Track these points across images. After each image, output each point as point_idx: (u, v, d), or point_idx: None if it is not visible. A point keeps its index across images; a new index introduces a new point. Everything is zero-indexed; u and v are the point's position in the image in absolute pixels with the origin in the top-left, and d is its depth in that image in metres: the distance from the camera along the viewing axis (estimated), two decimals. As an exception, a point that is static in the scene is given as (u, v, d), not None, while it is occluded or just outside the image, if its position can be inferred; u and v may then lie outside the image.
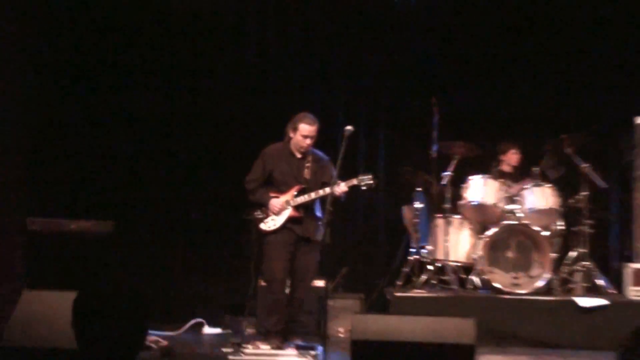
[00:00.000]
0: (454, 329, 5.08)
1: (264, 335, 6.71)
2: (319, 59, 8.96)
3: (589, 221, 7.90)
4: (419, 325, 5.14)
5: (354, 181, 6.47)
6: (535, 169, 8.02)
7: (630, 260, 8.14)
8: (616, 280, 8.01)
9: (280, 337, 6.53)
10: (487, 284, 7.67)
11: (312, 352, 6.19)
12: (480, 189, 7.93)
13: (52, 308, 2.65)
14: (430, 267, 7.91)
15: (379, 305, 7.86)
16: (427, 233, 8.11)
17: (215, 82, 8.72)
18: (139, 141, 8.65)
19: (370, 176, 6.49)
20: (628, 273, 7.91)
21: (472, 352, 4.99)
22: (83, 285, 2.52)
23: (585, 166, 7.88)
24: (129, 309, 2.46)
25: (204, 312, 7.93)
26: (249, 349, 6.34)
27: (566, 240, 8.06)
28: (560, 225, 7.97)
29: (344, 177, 6.42)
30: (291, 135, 6.65)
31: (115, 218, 7.98)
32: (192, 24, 8.60)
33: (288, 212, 6.59)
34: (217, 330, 7.71)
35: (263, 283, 7.13)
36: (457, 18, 8.90)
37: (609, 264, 8.41)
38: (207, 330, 7.72)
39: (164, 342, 6.49)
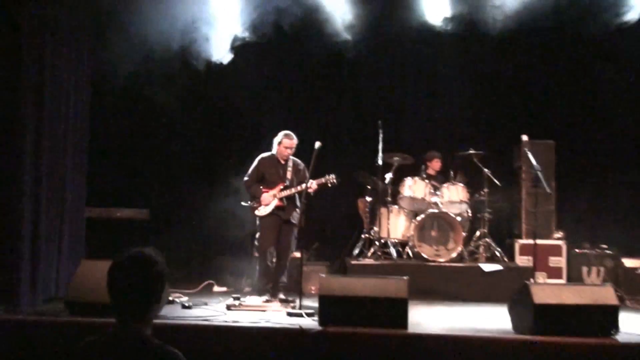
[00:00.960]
0: (393, 286, 5.07)
1: (258, 291, 6.67)
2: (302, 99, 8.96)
3: (489, 210, 7.93)
4: (368, 284, 5.12)
5: (323, 180, 6.50)
6: (452, 172, 8.01)
7: (518, 237, 8.18)
8: (508, 251, 8.04)
9: (269, 293, 6.51)
10: (417, 255, 7.65)
11: (292, 304, 6.13)
12: (412, 187, 7.91)
13: (101, 273, 2.60)
14: (376, 243, 7.87)
15: (341, 270, 7.80)
16: (375, 218, 8.08)
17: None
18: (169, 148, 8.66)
19: (334, 176, 6.50)
20: (516, 246, 7.97)
21: (406, 303, 4.99)
22: (117, 257, 2.52)
23: (486, 170, 7.91)
24: (148, 274, 2.48)
25: (214, 275, 7.86)
26: (247, 301, 6.28)
27: (473, 223, 8.06)
28: (469, 212, 7.97)
29: (315, 177, 6.43)
30: (277, 147, 6.70)
31: (150, 207, 7.97)
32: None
33: (275, 203, 6.61)
34: (224, 289, 7.62)
35: (256, 254, 7.08)
36: (394, 62, 8.90)
37: (503, 240, 8.41)
38: (216, 289, 7.63)
39: (184, 297, 6.44)
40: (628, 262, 7.64)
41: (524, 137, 6.75)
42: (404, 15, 8.26)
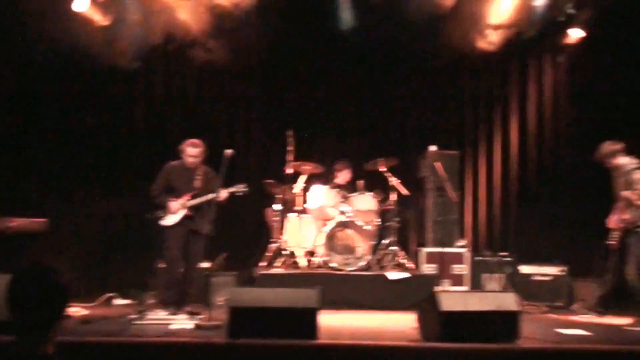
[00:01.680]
0: (304, 296, 5.07)
1: (163, 304, 6.48)
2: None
3: (396, 218, 8.10)
4: (278, 295, 5.10)
5: (233, 189, 6.43)
6: (361, 182, 8.12)
7: (424, 246, 8.40)
8: (415, 259, 8.24)
9: (175, 306, 6.35)
10: (326, 264, 7.69)
11: (199, 316, 6.01)
12: (321, 196, 7.96)
13: (-6, 288, 2.46)
14: (285, 252, 7.86)
15: (248, 281, 7.73)
16: (283, 228, 8.06)
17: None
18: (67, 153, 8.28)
19: (244, 185, 6.46)
20: (422, 254, 8.17)
21: (316, 313, 5.00)
22: (17, 270, 2.40)
23: (394, 180, 8.09)
24: (50, 288, 2.37)
25: (115, 288, 7.59)
26: (151, 314, 6.09)
27: (381, 232, 8.19)
28: (377, 221, 8.10)
29: (225, 186, 6.35)
30: (182, 155, 6.56)
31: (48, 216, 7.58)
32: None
33: (183, 212, 6.47)
34: (126, 302, 7.38)
35: (161, 265, 6.91)
36: (304, 71, 8.95)
37: (410, 248, 8.62)
38: (118, 301, 7.38)
39: (84, 312, 6.18)
40: (524, 269, 8.01)
41: (433, 148, 6.97)
42: (314, 24, 8.34)
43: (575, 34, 8.42)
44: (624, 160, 6.29)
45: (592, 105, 8.79)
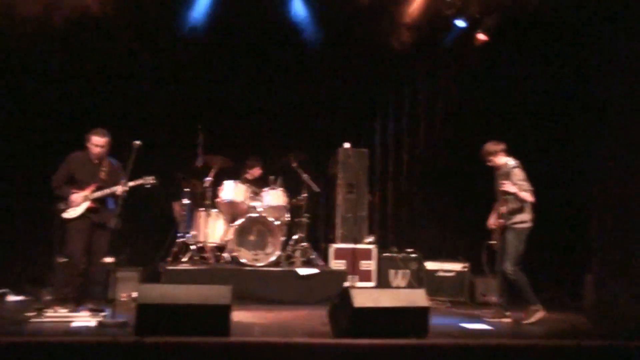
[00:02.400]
0: (217, 293, 4.97)
1: (62, 301, 6.13)
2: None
3: (306, 214, 8.12)
4: (189, 291, 4.98)
5: (141, 181, 6.21)
6: (272, 177, 8.07)
7: (333, 242, 8.48)
8: (324, 255, 8.30)
9: (75, 303, 6.05)
10: (235, 259, 7.60)
11: (102, 314, 5.78)
12: (232, 191, 7.84)
13: None
14: (193, 247, 7.70)
15: (154, 276, 7.51)
16: (192, 222, 7.89)
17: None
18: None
19: (152, 177, 6.25)
20: (331, 250, 8.25)
21: (229, 310, 4.92)
22: None
23: (305, 175, 8.10)
24: None
25: (7, 283, 7.16)
26: (49, 312, 5.79)
27: (291, 228, 8.19)
28: (287, 217, 8.08)
29: (132, 178, 6.12)
30: (87, 145, 6.27)
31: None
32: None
33: (86, 204, 6.18)
34: (20, 298, 6.98)
35: (61, 259, 6.58)
36: (217, 63, 8.79)
37: (319, 244, 8.67)
38: (11, 297, 6.97)
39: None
40: (430, 265, 8.24)
41: (346, 145, 7.04)
42: (226, 18, 8.21)
43: (479, 38, 8.70)
44: (505, 160, 6.56)
45: (496, 107, 9.18)
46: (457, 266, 8.17)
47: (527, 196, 6.35)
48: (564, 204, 8.12)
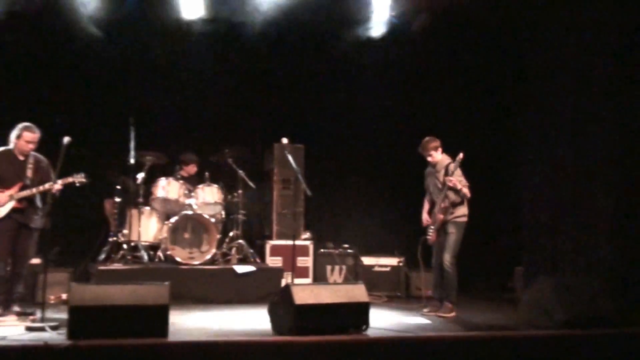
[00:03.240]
0: (154, 293, 4.86)
1: (-13, 306, 5.86)
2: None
3: (242, 211, 8.04)
4: (125, 291, 4.83)
5: (70, 179, 5.96)
6: (207, 174, 7.93)
7: (269, 239, 8.44)
8: (260, 253, 8.24)
9: (1, 306, 5.78)
10: (169, 258, 7.45)
11: (31, 317, 5.55)
12: (165, 188, 7.68)
13: None
14: (125, 247, 7.49)
15: (84, 277, 7.27)
16: (124, 220, 7.68)
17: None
18: None
19: (83, 175, 6.02)
20: (268, 247, 8.21)
21: (167, 310, 4.83)
22: None
23: (240, 172, 8.03)
24: None
25: None
26: (-28, 317, 5.53)
27: (227, 225, 8.11)
28: (223, 214, 7.99)
29: (61, 176, 5.88)
30: (15, 141, 5.97)
31: None
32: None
33: (11, 204, 5.87)
34: None
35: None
36: (148, 58, 8.57)
37: (255, 241, 8.61)
38: None
39: None
40: (366, 260, 8.33)
41: (284, 140, 6.96)
42: (158, 12, 8.01)
43: (411, 34, 8.81)
44: (442, 156, 6.69)
45: (430, 104, 9.35)
46: (392, 261, 8.28)
47: (467, 192, 6.48)
48: (494, 198, 8.36)
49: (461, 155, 6.37)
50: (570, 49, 7.17)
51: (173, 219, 7.52)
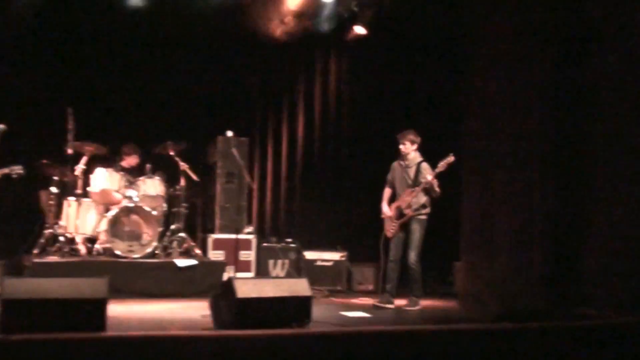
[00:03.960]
0: (91, 286, 4.75)
1: None
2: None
3: (184, 204, 7.94)
4: (62, 285, 4.71)
5: (6, 171, 5.78)
6: (149, 166, 7.80)
7: (212, 232, 8.37)
8: (202, 246, 8.17)
9: None
10: (108, 251, 7.29)
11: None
12: (105, 179, 7.49)
13: None
14: (62, 239, 7.29)
15: (17, 270, 7.04)
16: (61, 213, 7.45)
17: None
18: None
19: (20, 167, 5.84)
20: (210, 241, 8.14)
21: (105, 304, 4.73)
22: None
23: (183, 164, 7.92)
24: None
25: None
26: None
27: (168, 218, 7.99)
28: (164, 207, 7.87)
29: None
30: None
31: None
32: None
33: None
34: None
35: None
36: (89, 44, 8.35)
37: (197, 235, 8.52)
38: None
39: None
40: (309, 255, 8.35)
41: (229, 133, 6.93)
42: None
43: (358, 31, 8.88)
44: (415, 153, 6.79)
45: (372, 100, 9.46)
46: (335, 255, 8.33)
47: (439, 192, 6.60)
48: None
49: (452, 157, 6.49)
50: (509, 48, 7.36)
51: (112, 211, 7.36)
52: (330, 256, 8.34)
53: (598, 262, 6.35)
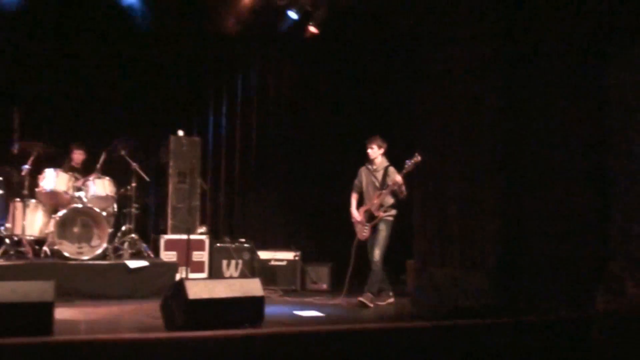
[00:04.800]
0: (38, 290, 4.63)
1: None
2: None
3: (136, 205, 7.81)
4: (5, 288, 4.57)
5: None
6: (98, 166, 7.64)
7: (164, 233, 8.25)
8: (154, 247, 8.05)
9: None
10: (57, 253, 7.11)
11: None
12: (53, 179, 7.28)
13: None
14: (8, 241, 7.09)
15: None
16: (7, 213, 7.25)
17: None
18: None
19: None
20: (162, 242, 8.03)
21: (52, 307, 4.62)
22: None
23: (134, 165, 7.79)
24: None
25: None
26: None
27: (119, 219, 7.85)
28: (115, 207, 7.73)
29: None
30: None
31: None
32: None
33: None
34: None
35: None
36: (33, 42, 8.13)
37: (149, 235, 8.40)
38: None
39: None
40: (263, 255, 8.32)
41: (180, 133, 6.85)
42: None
43: (311, 30, 8.87)
44: (382, 158, 6.95)
45: (323, 100, 9.48)
46: (289, 255, 8.31)
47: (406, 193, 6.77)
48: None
49: (419, 157, 6.62)
50: (460, 58, 7.48)
51: (61, 212, 7.18)
52: (284, 256, 8.31)
53: (543, 260, 6.52)
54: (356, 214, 6.95)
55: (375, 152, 6.88)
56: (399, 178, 6.59)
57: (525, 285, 6.62)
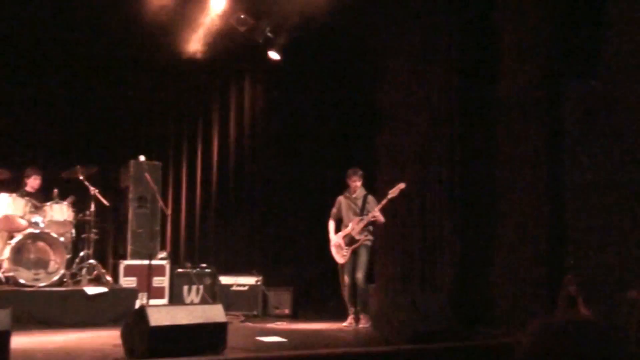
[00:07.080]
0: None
1: None
2: None
3: (95, 230, 7.70)
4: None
5: None
6: (56, 190, 7.51)
7: (124, 258, 8.14)
8: (113, 273, 7.93)
9: None
10: (12, 280, 6.95)
11: None
12: (8, 205, 7.15)
13: None
14: (-40, 268, 6.92)
15: None
16: (-40, 239, 7.09)
17: None
18: None
19: None
20: (121, 267, 7.91)
21: (7, 336, 4.51)
22: None
23: (93, 189, 7.69)
24: None
25: None
26: None
27: (77, 245, 7.72)
28: (73, 233, 7.60)
29: None
30: None
31: None
32: None
33: None
34: None
35: None
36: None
37: (108, 261, 8.27)
38: None
39: None
40: (224, 280, 8.27)
41: (141, 157, 6.80)
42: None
43: (272, 56, 8.96)
44: (362, 187, 7.37)
45: (289, 124, 9.54)
46: (250, 280, 8.27)
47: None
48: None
49: (403, 184, 7.05)
50: (412, 77, 7.66)
51: (16, 238, 7.04)
52: (245, 281, 8.27)
53: (501, 282, 6.65)
54: (335, 238, 7.33)
55: (358, 185, 7.34)
56: (377, 213, 7.07)
57: (484, 308, 6.74)
